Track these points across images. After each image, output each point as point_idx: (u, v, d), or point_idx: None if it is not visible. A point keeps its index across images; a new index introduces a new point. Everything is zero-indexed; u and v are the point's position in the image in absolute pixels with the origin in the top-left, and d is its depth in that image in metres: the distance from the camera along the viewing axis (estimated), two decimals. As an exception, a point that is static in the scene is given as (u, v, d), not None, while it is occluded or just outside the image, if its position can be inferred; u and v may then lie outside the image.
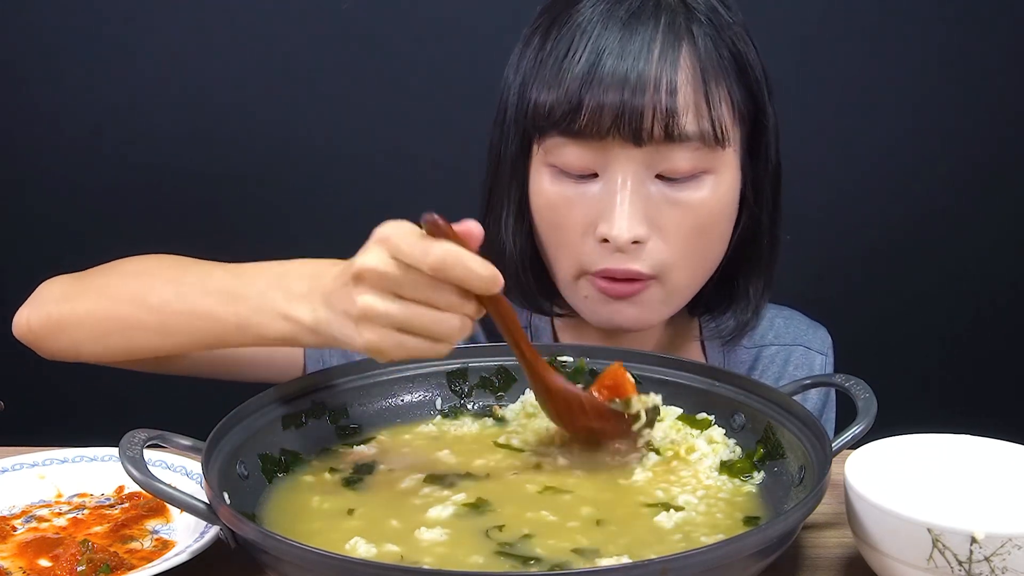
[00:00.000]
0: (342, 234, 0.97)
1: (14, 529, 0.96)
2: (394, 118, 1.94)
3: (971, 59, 1.96)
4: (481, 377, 1.08)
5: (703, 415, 1.02)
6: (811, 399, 1.27)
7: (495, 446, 1.01)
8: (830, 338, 1.35)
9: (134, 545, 0.93)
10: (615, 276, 1.11)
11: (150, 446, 0.87)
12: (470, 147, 1.26)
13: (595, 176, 1.11)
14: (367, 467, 0.97)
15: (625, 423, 0.97)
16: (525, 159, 1.16)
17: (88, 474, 1.03)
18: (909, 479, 0.90)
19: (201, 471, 0.85)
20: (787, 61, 1.92)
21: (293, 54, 1.95)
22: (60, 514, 0.98)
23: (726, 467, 0.96)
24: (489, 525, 0.87)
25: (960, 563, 0.78)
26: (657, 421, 1.02)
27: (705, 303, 1.24)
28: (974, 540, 0.77)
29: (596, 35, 1.09)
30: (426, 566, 0.80)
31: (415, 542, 0.84)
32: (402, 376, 1.06)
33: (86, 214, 1.99)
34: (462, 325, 0.87)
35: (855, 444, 0.91)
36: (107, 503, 1.00)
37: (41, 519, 0.98)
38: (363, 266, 0.86)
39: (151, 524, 0.96)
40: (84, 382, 1.22)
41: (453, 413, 1.07)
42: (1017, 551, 0.77)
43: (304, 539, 0.79)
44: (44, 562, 0.90)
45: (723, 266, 1.19)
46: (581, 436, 0.99)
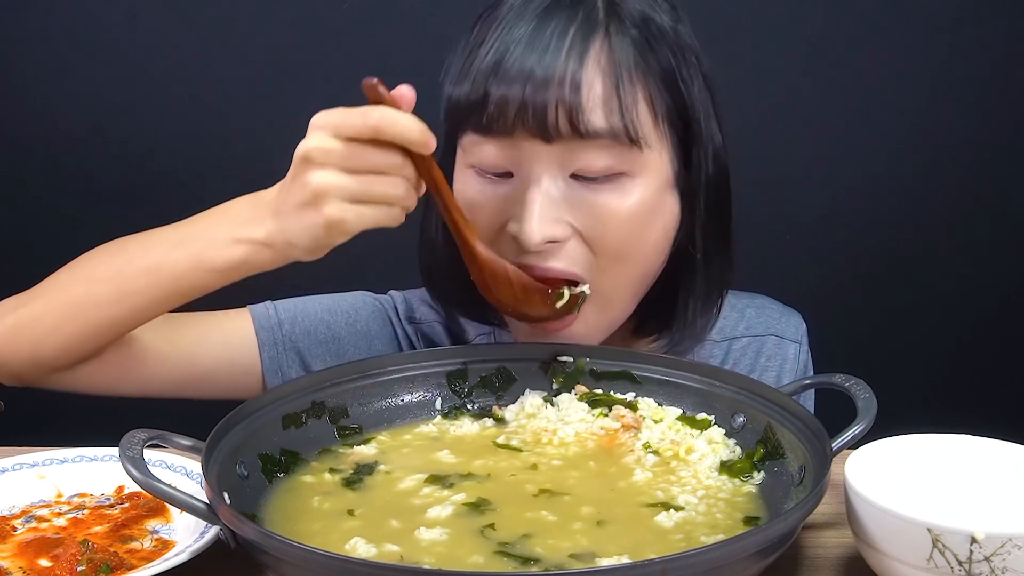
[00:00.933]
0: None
1: (14, 529, 0.96)
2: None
3: (973, 58, 1.96)
4: (481, 377, 1.08)
5: (703, 415, 1.02)
6: (789, 388, 1.23)
7: (495, 446, 1.01)
8: (804, 324, 1.31)
9: (134, 545, 0.92)
10: (533, 275, 1.07)
11: (150, 446, 0.87)
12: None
13: (511, 175, 1.08)
14: (367, 467, 0.97)
15: (548, 299, 1.05)
16: (451, 159, 1.13)
17: (88, 474, 1.03)
18: (909, 479, 0.90)
19: (201, 471, 0.85)
20: (788, 62, 1.93)
21: (292, 52, 1.95)
22: (60, 514, 0.98)
23: (726, 467, 0.96)
24: (489, 525, 0.87)
25: (960, 563, 0.78)
26: (655, 422, 1.02)
27: (648, 324, 1.20)
28: (974, 540, 0.77)
29: (508, 28, 1.06)
30: (426, 566, 0.80)
31: (415, 542, 0.84)
32: (402, 376, 1.06)
33: (84, 213, 1.98)
34: (407, 189, 0.96)
35: (855, 444, 0.91)
36: (107, 503, 1.00)
37: (41, 519, 0.98)
38: (308, 148, 0.94)
39: (151, 524, 0.96)
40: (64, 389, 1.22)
41: (453, 413, 1.07)
42: (1017, 551, 0.77)
43: (304, 539, 0.79)
44: (44, 562, 0.90)
45: (662, 284, 1.15)
46: (506, 308, 1.07)
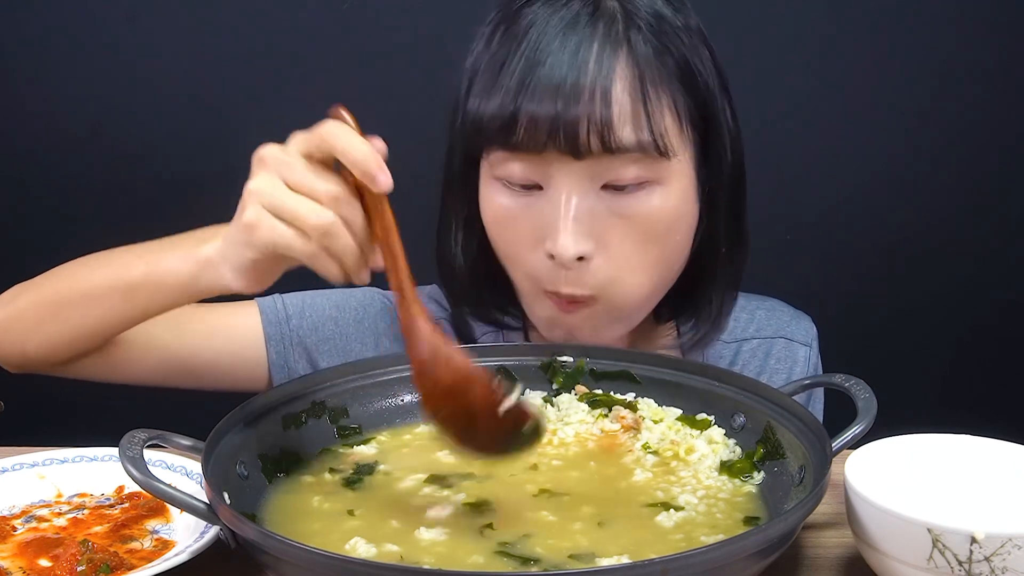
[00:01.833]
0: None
1: (14, 529, 0.96)
2: (399, 115, 1.93)
3: (975, 59, 1.96)
4: None
5: (703, 415, 1.02)
6: (790, 388, 1.25)
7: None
8: (815, 328, 1.32)
9: (134, 545, 0.92)
10: (561, 307, 1.10)
11: (150, 446, 0.87)
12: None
13: (541, 188, 1.08)
14: (367, 467, 0.97)
15: (492, 393, 0.85)
16: (473, 171, 1.13)
17: (88, 474, 1.03)
18: (909, 479, 0.90)
19: (201, 471, 0.85)
20: (789, 62, 1.92)
21: (292, 53, 1.95)
22: (60, 514, 0.98)
23: (726, 467, 0.96)
24: (488, 525, 0.87)
25: (960, 563, 0.78)
26: (655, 422, 1.02)
27: (670, 311, 1.21)
28: (974, 540, 0.77)
29: (532, 44, 1.05)
30: (426, 566, 0.80)
31: (415, 542, 0.84)
32: (402, 376, 1.06)
33: (83, 214, 1.99)
34: (334, 225, 0.87)
35: (855, 444, 0.91)
36: (107, 503, 1.00)
37: (41, 519, 0.98)
38: (264, 151, 0.91)
39: (151, 524, 0.96)
40: (84, 382, 1.21)
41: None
42: (1017, 551, 0.77)
43: (304, 539, 0.79)
44: (44, 562, 0.90)
45: (686, 275, 1.16)
46: (437, 404, 0.87)
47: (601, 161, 1.05)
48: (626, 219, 1.07)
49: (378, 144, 0.88)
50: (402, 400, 1.06)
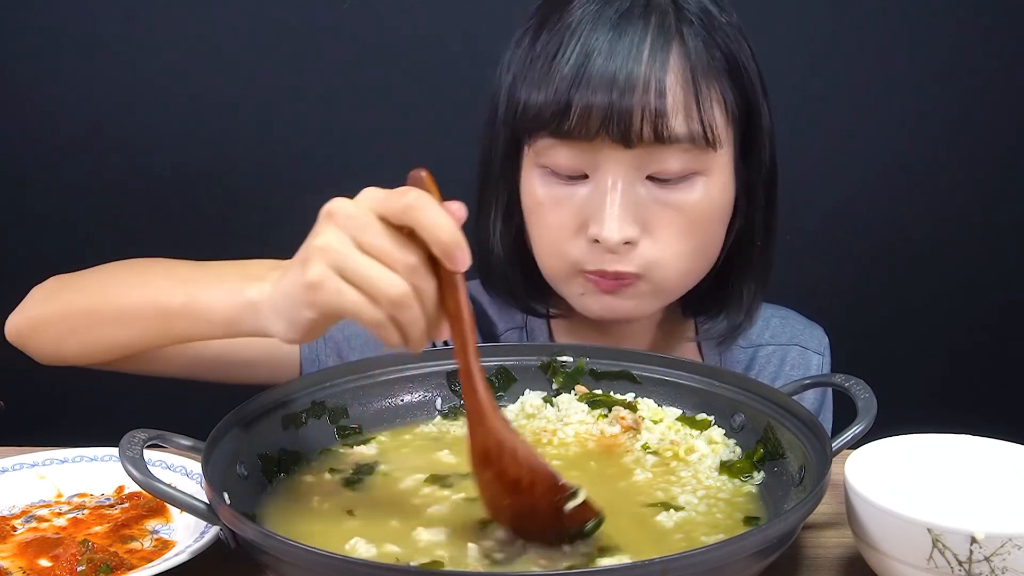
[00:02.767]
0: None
1: (14, 529, 0.96)
2: (397, 115, 1.94)
3: (976, 60, 1.96)
4: None
5: (703, 415, 1.02)
6: (807, 400, 1.27)
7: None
8: (827, 338, 1.34)
9: (134, 545, 0.93)
10: (606, 276, 1.12)
11: (150, 446, 0.87)
12: (466, 149, 1.26)
13: (585, 177, 1.11)
14: (367, 467, 0.97)
15: (556, 492, 0.81)
16: (515, 160, 1.16)
17: (88, 474, 1.03)
18: (909, 479, 0.90)
19: (201, 471, 0.85)
20: (791, 62, 1.92)
21: (292, 51, 1.95)
22: (60, 514, 0.98)
23: (726, 467, 0.96)
24: (490, 524, 0.86)
25: (960, 563, 0.78)
26: (655, 422, 1.02)
27: (699, 304, 1.24)
28: (974, 540, 0.77)
29: (585, 36, 1.08)
30: (425, 566, 0.80)
31: (415, 542, 0.84)
32: (402, 376, 1.06)
33: (83, 214, 1.99)
34: (406, 296, 0.80)
35: (855, 444, 0.91)
36: (107, 503, 1.00)
37: (41, 519, 0.98)
38: (336, 205, 0.83)
39: (151, 524, 0.96)
40: (84, 382, 1.21)
41: (453, 413, 1.07)
42: (1017, 551, 0.77)
43: (304, 539, 0.79)
44: (44, 562, 0.90)
45: (717, 267, 1.19)
46: (497, 497, 0.84)
47: (650, 151, 1.08)
48: (670, 208, 1.10)
49: (459, 212, 0.81)
50: (402, 400, 1.06)
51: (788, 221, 1.24)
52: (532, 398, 1.07)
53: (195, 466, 1.00)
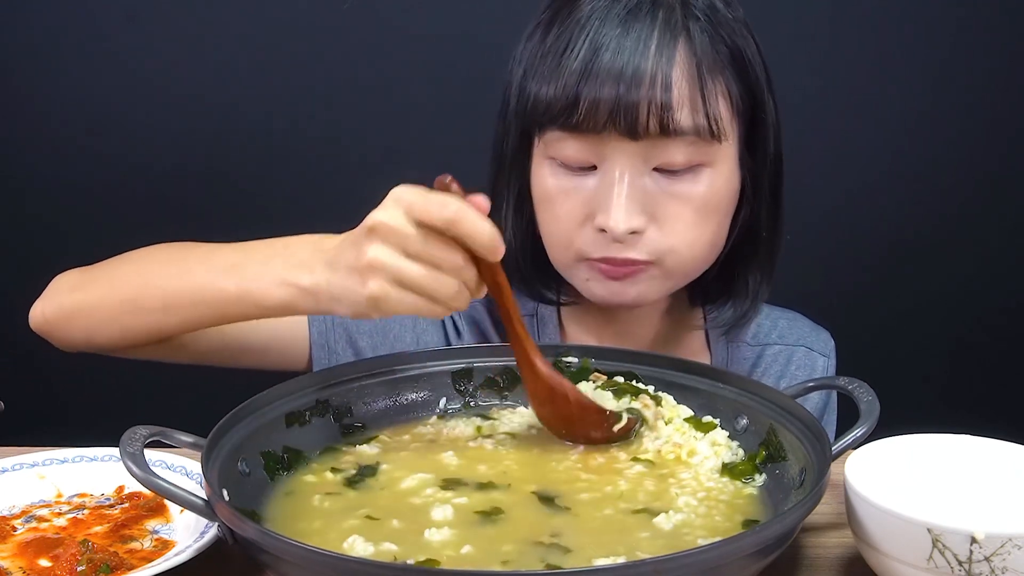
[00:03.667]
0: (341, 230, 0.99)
1: (14, 529, 0.96)
2: (397, 115, 1.94)
3: (976, 60, 1.96)
4: (487, 377, 1.08)
5: (708, 418, 1.02)
6: (811, 402, 1.27)
7: (498, 447, 1.01)
8: (833, 341, 1.35)
9: (134, 545, 0.93)
10: (614, 263, 1.14)
11: (151, 444, 0.87)
12: (474, 143, 1.26)
13: (593, 168, 1.13)
14: (370, 467, 0.97)
15: (607, 420, 1.00)
16: (526, 152, 1.18)
17: (88, 474, 1.03)
18: (909, 479, 0.90)
19: (201, 468, 0.85)
20: (793, 61, 1.92)
21: (292, 50, 1.95)
22: (60, 514, 0.98)
23: (727, 469, 0.96)
24: (490, 525, 0.87)
25: (960, 563, 0.78)
26: (665, 422, 1.01)
27: (706, 292, 1.25)
28: (974, 540, 0.77)
29: (594, 31, 1.10)
30: (425, 566, 0.80)
31: (416, 542, 0.84)
32: (407, 375, 1.06)
33: (83, 214, 1.99)
34: (460, 290, 0.92)
35: (857, 447, 0.91)
36: (107, 503, 1.00)
37: (41, 519, 0.98)
38: (378, 220, 0.91)
39: (151, 524, 0.96)
40: (84, 382, 1.22)
41: (458, 413, 1.07)
42: (1017, 551, 0.77)
43: (304, 538, 0.79)
44: (44, 562, 0.90)
45: (724, 257, 1.21)
46: (557, 427, 1.01)
47: (656, 143, 1.10)
48: (677, 199, 1.12)
49: (484, 204, 0.91)
50: (406, 399, 1.06)
51: (789, 221, 1.24)
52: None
53: (195, 466, 1.00)
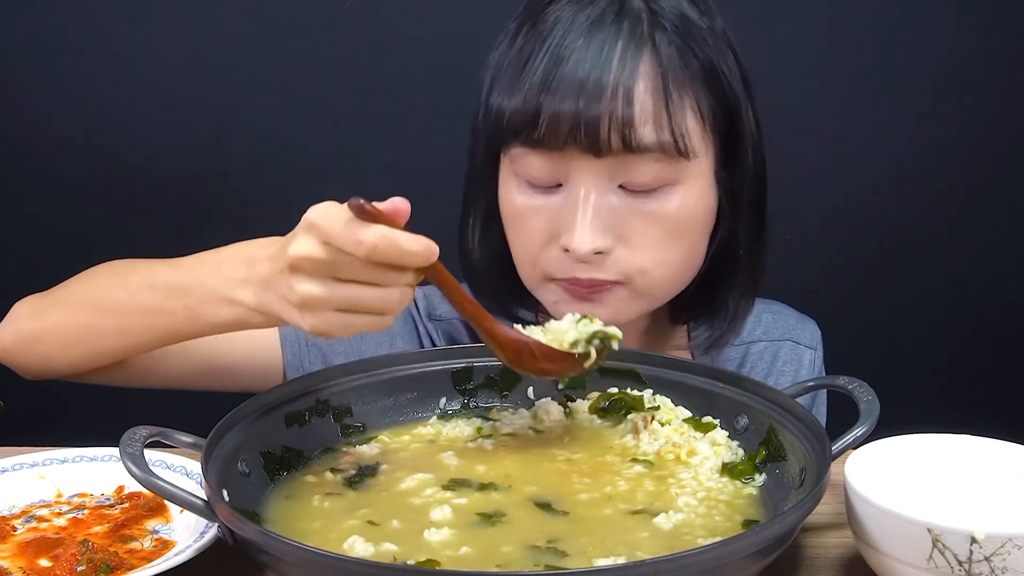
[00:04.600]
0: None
1: (14, 529, 0.96)
2: (397, 115, 1.94)
3: (976, 59, 1.96)
4: (486, 377, 1.08)
5: (708, 418, 1.02)
6: (793, 390, 1.25)
7: (498, 448, 1.01)
8: (819, 331, 1.32)
9: (134, 545, 0.92)
10: (580, 284, 1.10)
11: (152, 444, 0.87)
12: (459, 153, 1.25)
13: (560, 186, 1.09)
14: (369, 467, 0.97)
15: (576, 361, 0.97)
16: (493, 167, 1.15)
17: (88, 474, 1.03)
18: (909, 479, 0.90)
19: (201, 468, 0.85)
20: (791, 62, 1.92)
21: (292, 50, 1.95)
22: (60, 514, 0.98)
23: (727, 469, 0.96)
24: (490, 525, 0.87)
25: (960, 563, 0.78)
26: (662, 424, 1.01)
27: (686, 312, 1.22)
28: (974, 540, 0.77)
29: (556, 42, 1.06)
30: (425, 567, 0.80)
31: (415, 542, 0.84)
32: (406, 375, 1.06)
33: (83, 214, 1.99)
34: (402, 296, 0.88)
35: (857, 447, 0.91)
36: (107, 503, 1.00)
37: (41, 519, 0.98)
38: (296, 255, 0.87)
39: (151, 524, 0.96)
40: (84, 382, 1.21)
41: (457, 414, 1.07)
42: (1017, 551, 0.77)
43: (303, 538, 0.79)
44: (44, 562, 0.90)
45: (703, 276, 1.17)
46: (537, 375, 1.00)
47: (621, 160, 1.06)
48: (645, 217, 1.08)
49: (403, 207, 0.87)
50: (406, 400, 1.06)
51: (788, 221, 1.23)
52: (537, 409, 1.06)
53: (195, 466, 1.00)
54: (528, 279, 1.16)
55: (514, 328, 0.98)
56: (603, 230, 1.07)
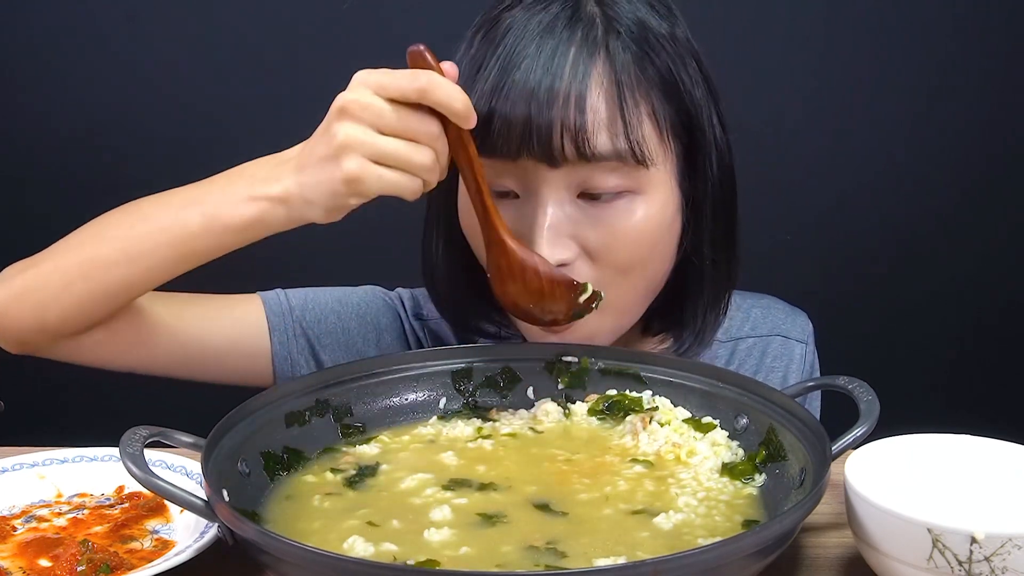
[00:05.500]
0: (326, 234, 1.02)
1: (14, 529, 0.96)
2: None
3: (975, 59, 1.96)
4: (486, 377, 1.08)
5: (708, 419, 1.01)
6: (793, 390, 1.24)
7: (498, 448, 1.01)
8: (811, 324, 1.31)
9: (134, 545, 0.93)
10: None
11: (152, 444, 0.87)
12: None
13: (518, 196, 1.07)
14: (369, 467, 0.97)
15: (573, 290, 1.03)
16: (451, 177, 1.11)
17: (88, 474, 1.03)
18: (909, 479, 0.90)
19: (201, 468, 0.85)
20: (788, 62, 1.93)
21: (292, 50, 1.95)
22: (60, 514, 0.98)
23: (727, 469, 0.96)
24: (490, 525, 0.87)
25: (960, 563, 0.78)
26: (661, 425, 1.01)
27: (655, 323, 1.20)
28: (974, 540, 0.77)
29: (508, 49, 1.04)
30: (425, 567, 0.80)
31: (416, 542, 0.84)
32: (407, 375, 1.06)
33: (83, 214, 1.98)
34: (435, 160, 0.95)
35: (857, 447, 0.91)
36: (107, 503, 1.00)
37: (41, 519, 0.98)
38: (347, 100, 0.93)
39: (151, 524, 0.96)
40: (84, 382, 1.21)
41: (457, 414, 1.07)
42: (1017, 551, 0.77)
43: (303, 538, 0.79)
44: (44, 562, 0.90)
45: (671, 286, 1.15)
46: (524, 304, 1.04)
47: (578, 169, 1.03)
48: (605, 226, 1.06)
49: (452, 71, 0.96)
50: (406, 399, 1.06)
51: (788, 221, 1.24)
52: (538, 411, 1.06)
53: (195, 466, 1.00)
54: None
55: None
56: (564, 241, 1.05)
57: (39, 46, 1.95)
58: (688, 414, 1.02)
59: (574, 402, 1.07)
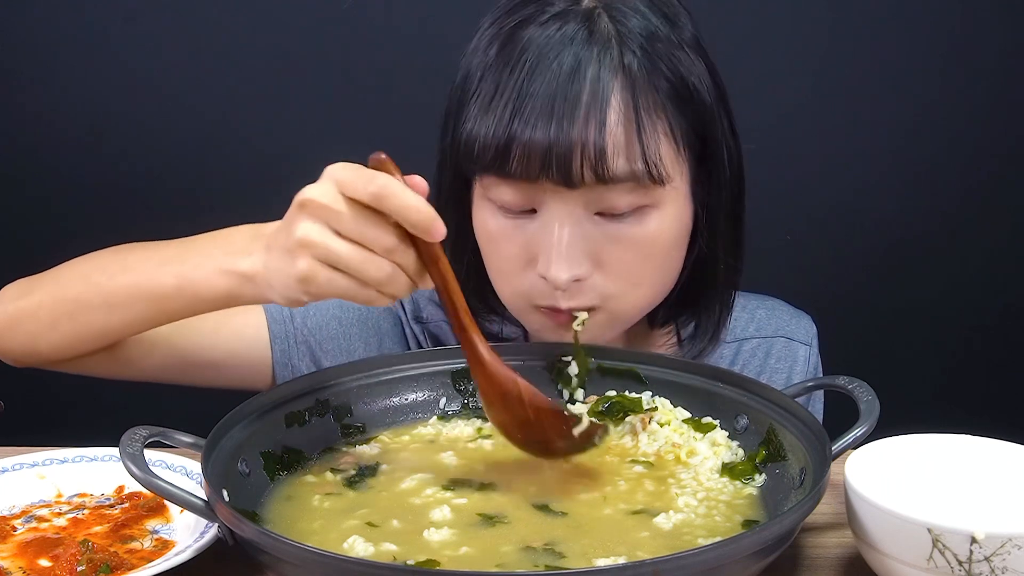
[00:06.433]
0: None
1: (14, 529, 0.96)
2: (397, 115, 1.94)
3: (976, 60, 1.96)
4: None
5: (708, 419, 1.01)
6: (793, 390, 1.24)
7: (498, 448, 1.01)
8: (815, 327, 1.31)
9: (134, 545, 0.93)
10: (561, 312, 1.08)
11: (152, 444, 0.87)
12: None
13: (534, 211, 1.07)
14: (369, 467, 0.97)
15: (565, 423, 0.95)
16: (465, 189, 1.13)
17: (88, 474, 1.03)
18: (909, 479, 0.90)
19: (201, 468, 0.85)
20: (790, 63, 1.93)
21: (292, 50, 1.95)
22: (60, 514, 0.98)
23: (727, 469, 0.96)
24: (490, 525, 0.87)
25: (960, 563, 0.78)
26: (661, 425, 1.01)
27: (665, 315, 1.20)
28: (974, 540, 0.77)
29: (526, 73, 1.03)
30: (425, 567, 0.80)
31: (416, 543, 0.84)
32: (407, 375, 1.06)
33: (83, 214, 1.99)
34: (393, 273, 0.89)
35: (857, 447, 0.91)
36: (107, 503, 1.00)
37: (41, 519, 0.98)
38: (308, 196, 0.89)
39: (151, 524, 0.96)
40: (84, 382, 1.21)
41: (457, 414, 1.07)
42: (1017, 551, 0.77)
43: (303, 538, 0.79)
44: (44, 562, 0.90)
45: (680, 287, 1.15)
46: (515, 433, 0.96)
47: (595, 190, 1.04)
48: (621, 242, 1.07)
49: (421, 186, 0.89)
50: (406, 399, 1.06)
51: (788, 221, 1.23)
52: None
53: (195, 466, 1.00)
54: (511, 305, 1.14)
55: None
56: (579, 258, 1.05)
57: (39, 46, 1.95)
58: (688, 414, 1.02)
59: (573, 403, 1.07)
